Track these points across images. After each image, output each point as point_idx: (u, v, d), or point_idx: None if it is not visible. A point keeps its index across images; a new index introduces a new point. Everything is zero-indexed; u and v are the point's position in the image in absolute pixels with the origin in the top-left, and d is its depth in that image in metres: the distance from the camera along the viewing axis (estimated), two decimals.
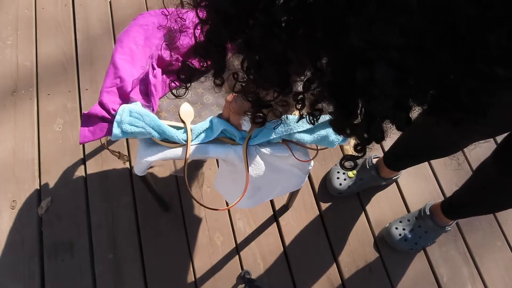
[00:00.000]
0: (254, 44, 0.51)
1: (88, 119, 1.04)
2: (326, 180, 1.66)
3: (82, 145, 1.70)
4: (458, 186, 1.41)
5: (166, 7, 0.72)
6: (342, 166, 0.66)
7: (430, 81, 0.47)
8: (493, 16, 0.39)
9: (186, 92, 0.78)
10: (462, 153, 1.75)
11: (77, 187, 1.62)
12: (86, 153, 1.68)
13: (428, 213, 1.51)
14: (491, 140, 1.63)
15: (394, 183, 1.69)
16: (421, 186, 1.70)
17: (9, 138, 1.70)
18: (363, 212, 1.64)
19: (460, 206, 1.42)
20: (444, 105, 0.50)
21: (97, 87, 1.80)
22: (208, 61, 0.62)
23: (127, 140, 1.72)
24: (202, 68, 0.64)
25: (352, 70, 0.47)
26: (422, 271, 1.56)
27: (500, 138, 1.12)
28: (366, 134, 0.56)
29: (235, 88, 0.62)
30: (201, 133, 1.03)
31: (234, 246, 1.56)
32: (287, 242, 1.57)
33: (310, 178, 1.69)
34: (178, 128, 1.05)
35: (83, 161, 1.67)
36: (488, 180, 1.23)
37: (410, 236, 1.52)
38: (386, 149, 1.70)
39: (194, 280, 1.50)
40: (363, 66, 0.46)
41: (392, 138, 1.01)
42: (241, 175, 1.07)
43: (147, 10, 1.66)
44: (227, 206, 1.14)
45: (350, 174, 1.62)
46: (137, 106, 1.03)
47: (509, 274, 1.58)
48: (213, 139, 1.04)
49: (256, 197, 1.17)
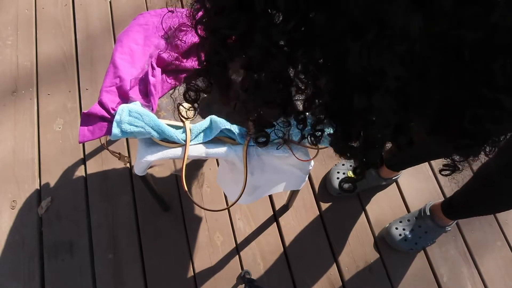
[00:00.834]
0: (253, 64, 0.51)
1: (87, 119, 1.04)
2: (326, 180, 1.66)
3: (82, 145, 1.70)
4: (458, 186, 1.41)
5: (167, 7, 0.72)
6: (341, 188, 0.66)
7: (432, 108, 0.46)
8: (498, 43, 0.39)
9: (195, 113, 0.78)
10: None
11: (77, 187, 1.62)
12: (86, 153, 1.68)
13: (428, 213, 1.51)
14: None
15: (394, 183, 1.69)
16: (421, 186, 1.70)
17: (9, 138, 1.70)
18: (363, 212, 1.64)
19: (460, 206, 1.42)
20: (447, 130, 0.49)
21: (97, 87, 1.80)
22: (210, 80, 0.62)
23: (127, 140, 1.72)
24: (207, 88, 0.63)
25: (350, 94, 0.46)
26: (422, 271, 1.56)
27: None
28: (364, 159, 0.55)
29: (237, 107, 0.62)
30: (200, 132, 1.03)
31: (234, 246, 1.56)
32: (287, 242, 1.57)
33: (310, 178, 1.69)
34: (177, 127, 1.05)
35: (83, 161, 1.67)
36: (489, 181, 1.23)
37: (410, 236, 1.52)
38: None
39: (194, 280, 1.50)
40: (361, 92, 0.45)
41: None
42: (241, 174, 1.07)
43: (147, 10, 1.66)
44: (227, 206, 1.14)
45: (350, 174, 1.61)
46: (136, 105, 1.03)
47: (509, 274, 1.57)
48: (213, 139, 1.04)
49: (255, 194, 1.17)
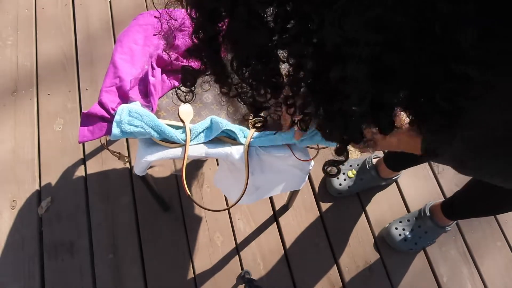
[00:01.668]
0: (237, 38, 0.51)
1: (87, 119, 1.04)
2: (326, 180, 1.66)
3: (82, 145, 1.70)
4: (458, 186, 1.41)
5: (155, 8, 0.72)
6: (325, 172, 0.65)
7: (406, 80, 0.45)
8: (465, 14, 0.38)
9: (193, 96, 0.78)
10: None
11: (77, 187, 1.62)
12: (86, 153, 1.68)
13: (428, 213, 1.51)
14: None
15: (394, 183, 1.69)
16: (421, 186, 1.70)
17: (9, 138, 1.70)
18: (363, 212, 1.64)
19: (461, 207, 1.42)
20: (420, 107, 0.49)
21: (97, 87, 1.80)
22: (203, 61, 0.62)
23: (127, 140, 1.72)
24: (202, 68, 0.63)
25: (328, 68, 0.46)
26: (422, 271, 1.56)
27: None
28: (344, 135, 0.55)
29: (232, 92, 0.62)
30: (200, 132, 1.03)
31: (234, 246, 1.56)
32: (287, 242, 1.57)
33: (310, 178, 1.69)
34: (177, 127, 1.05)
35: (83, 161, 1.67)
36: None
37: (410, 236, 1.52)
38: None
39: (194, 280, 1.50)
40: (336, 62, 0.45)
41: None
42: (240, 174, 1.07)
43: (147, 10, 1.66)
44: (227, 206, 1.14)
45: (350, 174, 1.62)
46: (136, 106, 1.03)
47: (509, 274, 1.57)
48: (213, 139, 1.04)
49: (255, 194, 1.17)
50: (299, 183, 1.19)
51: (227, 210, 1.61)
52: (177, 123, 1.06)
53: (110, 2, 2.02)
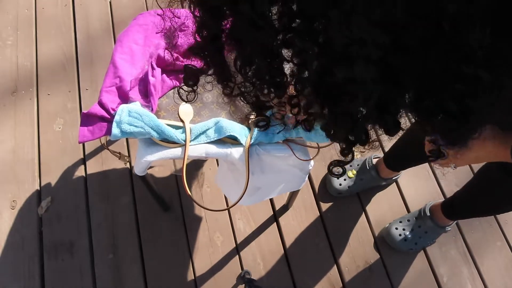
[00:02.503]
0: (241, 36, 0.50)
1: (87, 119, 1.04)
2: (326, 180, 1.66)
3: (82, 145, 1.70)
4: (458, 186, 1.41)
5: (159, 6, 0.71)
6: (330, 172, 0.64)
7: (413, 81, 0.45)
8: (475, 13, 0.37)
9: (195, 96, 0.77)
10: None
11: (77, 187, 1.62)
12: (86, 153, 1.68)
13: (428, 213, 1.51)
14: None
15: (394, 183, 1.69)
16: (421, 186, 1.70)
17: (9, 138, 1.70)
18: (363, 212, 1.64)
19: (461, 207, 1.42)
20: (427, 108, 0.48)
21: (97, 87, 1.80)
22: (206, 60, 0.61)
23: (127, 140, 1.72)
24: (204, 67, 0.63)
25: (334, 68, 0.46)
26: (422, 271, 1.56)
27: None
28: (350, 136, 0.55)
29: (234, 91, 0.62)
30: (201, 134, 1.03)
31: (234, 246, 1.56)
32: (287, 242, 1.57)
33: (310, 178, 1.69)
34: (177, 127, 1.05)
35: (83, 161, 1.67)
36: (491, 181, 1.22)
37: (410, 236, 1.52)
38: (386, 149, 1.70)
39: (194, 280, 1.50)
40: (343, 63, 0.44)
41: (392, 139, 1.01)
42: (240, 174, 1.07)
43: (147, 10, 1.66)
44: (227, 206, 1.14)
45: (350, 174, 1.62)
46: (136, 106, 1.03)
47: (509, 274, 1.57)
48: (213, 141, 1.04)
49: (256, 195, 1.17)
50: (299, 183, 1.19)
51: (227, 210, 1.61)
52: (177, 123, 1.06)
53: (110, 2, 2.02)
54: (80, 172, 1.65)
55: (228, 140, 1.05)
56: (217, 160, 1.68)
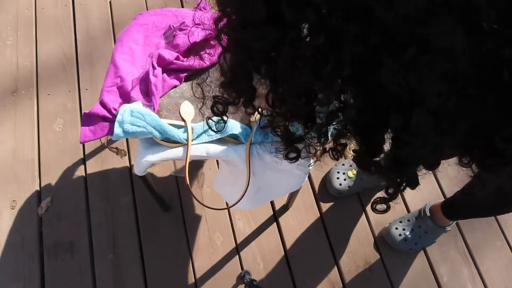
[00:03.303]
0: (278, 76, 0.49)
1: (89, 119, 1.04)
2: (326, 180, 1.66)
3: (82, 145, 1.70)
4: (459, 186, 1.41)
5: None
6: (374, 209, 0.64)
7: (468, 125, 0.44)
8: None
9: (225, 125, 0.76)
10: None
11: (77, 187, 1.62)
12: (86, 153, 1.68)
13: (428, 213, 1.51)
14: None
15: None
16: (421, 186, 1.70)
17: (9, 138, 1.70)
18: (363, 212, 1.64)
19: (461, 207, 1.42)
20: (477, 148, 0.48)
21: (97, 87, 1.80)
22: (237, 93, 0.61)
23: (127, 139, 1.71)
24: (234, 100, 0.62)
25: (381, 112, 0.45)
26: (422, 271, 1.56)
27: None
28: (399, 179, 0.53)
29: (263, 122, 0.60)
30: (202, 133, 1.03)
31: (234, 246, 1.56)
32: (287, 242, 1.57)
33: (310, 178, 1.69)
34: (179, 126, 1.05)
35: (83, 161, 1.67)
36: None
37: (410, 236, 1.52)
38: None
39: (194, 280, 1.50)
40: (397, 110, 0.43)
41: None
42: (241, 175, 1.07)
43: (147, 10, 1.66)
44: (227, 206, 1.14)
45: (350, 174, 1.62)
46: (138, 105, 1.03)
47: (509, 274, 1.58)
48: (214, 140, 1.04)
49: (256, 198, 1.17)
50: (299, 183, 1.19)
51: (227, 210, 1.61)
52: (178, 123, 1.06)
53: (110, 2, 2.02)
54: (80, 172, 1.65)
55: (229, 139, 1.05)
56: (217, 161, 1.68)
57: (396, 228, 1.54)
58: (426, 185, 1.71)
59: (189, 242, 1.55)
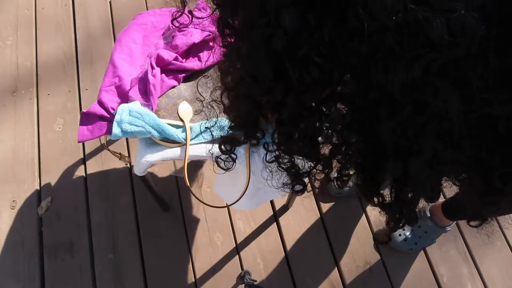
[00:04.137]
0: (284, 123, 0.52)
1: (87, 118, 1.04)
2: None
3: (82, 145, 1.70)
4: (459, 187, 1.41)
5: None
6: (376, 240, 0.67)
7: (464, 168, 0.47)
8: None
9: (234, 164, 0.78)
10: None
11: (77, 187, 1.62)
12: (86, 153, 1.68)
13: (428, 213, 1.50)
14: None
15: None
16: None
17: (9, 138, 1.70)
18: (363, 212, 1.64)
19: (461, 207, 1.42)
20: (475, 185, 0.51)
21: (97, 87, 1.80)
22: (245, 137, 0.63)
23: (127, 140, 1.72)
24: (243, 140, 0.66)
25: (381, 157, 0.47)
26: (422, 271, 1.55)
27: None
28: (398, 216, 0.56)
29: (268, 158, 0.63)
30: (201, 132, 1.03)
31: (234, 246, 1.56)
32: (287, 242, 1.57)
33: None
34: (177, 126, 1.05)
35: (83, 161, 1.67)
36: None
37: (410, 236, 1.52)
38: None
39: (194, 280, 1.50)
40: (396, 159, 0.46)
41: None
42: (240, 176, 1.07)
43: (147, 10, 1.66)
44: (227, 206, 1.14)
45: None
46: (136, 105, 1.03)
47: (509, 274, 1.57)
48: (214, 139, 1.04)
49: (255, 198, 1.17)
50: None
51: (227, 210, 1.61)
52: (176, 122, 1.06)
53: (110, 2, 2.02)
54: (80, 172, 1.65)
55: None
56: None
57: None
58: None
59: (189, 242, 1.55)
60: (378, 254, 1.57)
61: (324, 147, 0.56)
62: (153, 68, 1.09)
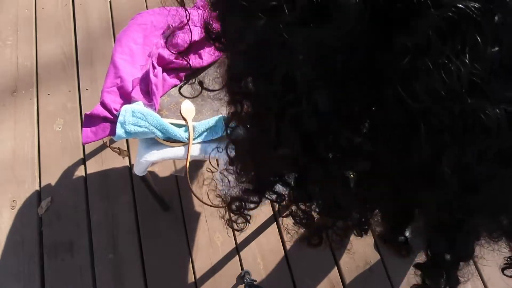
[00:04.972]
0: (304, 184, 0.53)
1: (90, 120, 1.04)
2: None
3: (82, 145, 1.70)
4: None
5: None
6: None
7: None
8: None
9: (247, 225, 0.79)
10: None
11: (77, 187, 1.62)
12: (86, 153, 1.68)
13: None
14: None
15: None
16: None
17: (9, 138, 1.70)
18: None
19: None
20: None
21: (97, 87, 1.80)
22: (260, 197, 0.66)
23: (127, 139, 1.71)
24: (257, 205, 0.71)
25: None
26: None
27: None
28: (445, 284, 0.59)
29: (283, 213, 0.64)
30: (204, 131, 1.03)
31: (234, 246, 1.56)
32: (287, 242, 1.57)
33: None
34: (180, 125, 1.05)
35: (83, 161, 1.67)
36: None
37: (410, 236, 1.52)
38: None
39: (194, 280, 1.50)
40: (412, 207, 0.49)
41: None
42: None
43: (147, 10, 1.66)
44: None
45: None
46: (139, 105, 1.03)
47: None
48: (215, 139, 1.04)
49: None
50: None
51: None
52: (179, 122, 1.06)
53: (110, 2, 2.02)
54: (80, 172, 1.65)
55: None
56: (217, 160, 1.67)
57: None
58: None
59: (189, 242, 1.55)
60: (378, 254, 1.57)
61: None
62: (154, 67, 1.09)
